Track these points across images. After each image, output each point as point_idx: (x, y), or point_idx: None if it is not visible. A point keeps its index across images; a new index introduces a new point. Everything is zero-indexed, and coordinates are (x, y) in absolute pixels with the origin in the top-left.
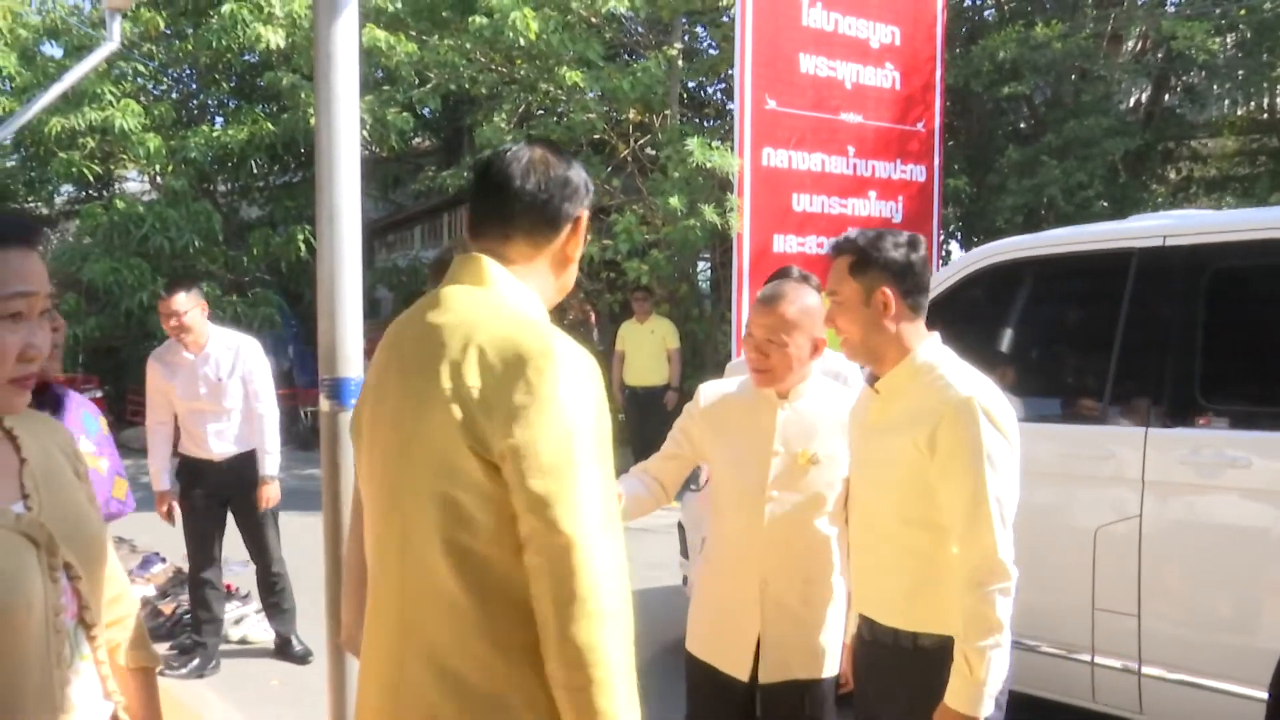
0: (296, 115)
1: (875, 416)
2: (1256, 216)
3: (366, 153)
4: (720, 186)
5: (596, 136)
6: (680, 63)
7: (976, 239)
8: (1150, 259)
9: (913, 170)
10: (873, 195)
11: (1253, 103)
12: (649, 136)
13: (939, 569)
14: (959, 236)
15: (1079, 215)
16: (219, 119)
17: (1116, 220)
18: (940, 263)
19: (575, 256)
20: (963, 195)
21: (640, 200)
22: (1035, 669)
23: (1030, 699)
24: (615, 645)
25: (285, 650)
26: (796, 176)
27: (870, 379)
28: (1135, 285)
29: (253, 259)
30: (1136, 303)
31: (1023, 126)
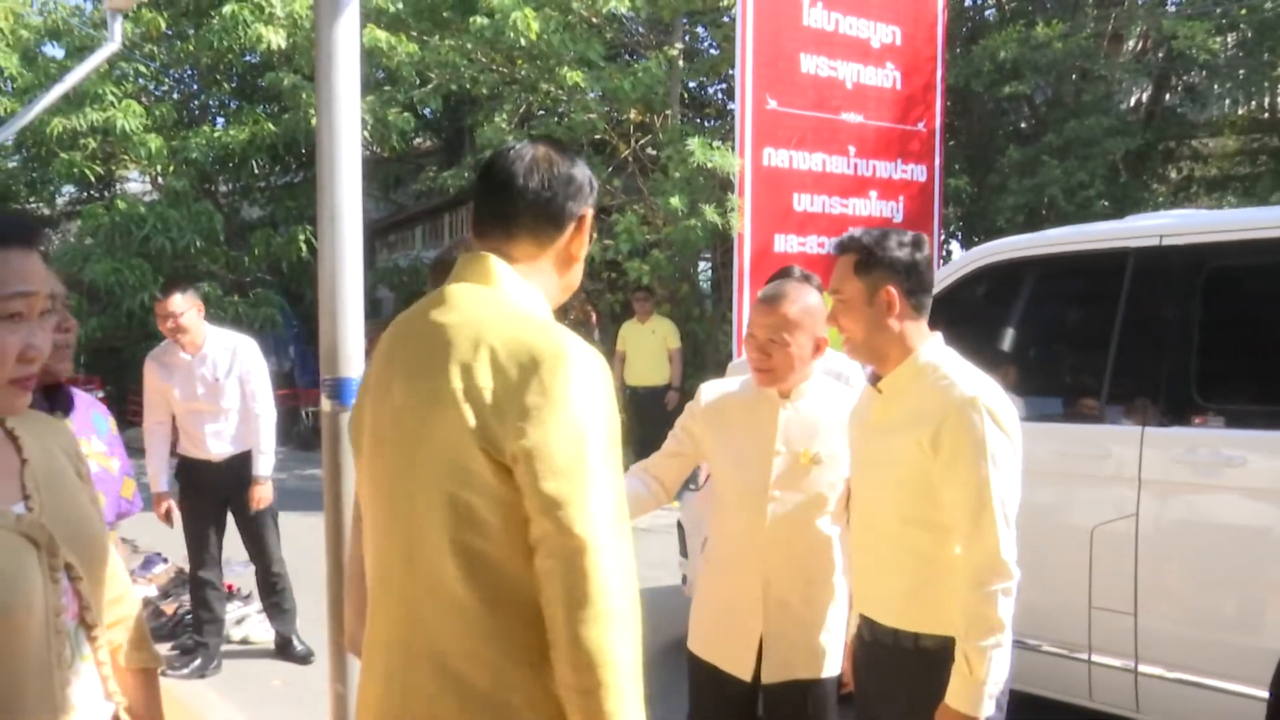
0: (297, 115)
1: (877, 416)
2: (1252, 216)
3: (367, 153)
4: (721, 186)
5: (597, 137)
6: (681, 63)
7: (977, 239)
8: (1147, 258)
9: (913, 170)
10: (873, 195)
11: (1253, 102)
12: (650, 136)
13: (940, 569)
14: (960, 236)
15: (1080, 215)
16: (220, 119)
17: (1116, 220)
18: (941, 263)
19: (580, 255)
20: (963, 195)
21: (641, 200)
22: (1033, 667)
23: (1028, 698)
24: (625, 648)
25: (286, 650)
26: (797, 176)
27: (872, 378)
28: (1132, 285)
29: (254, 259)
30: (1133, 302)
31: (1023, 126)
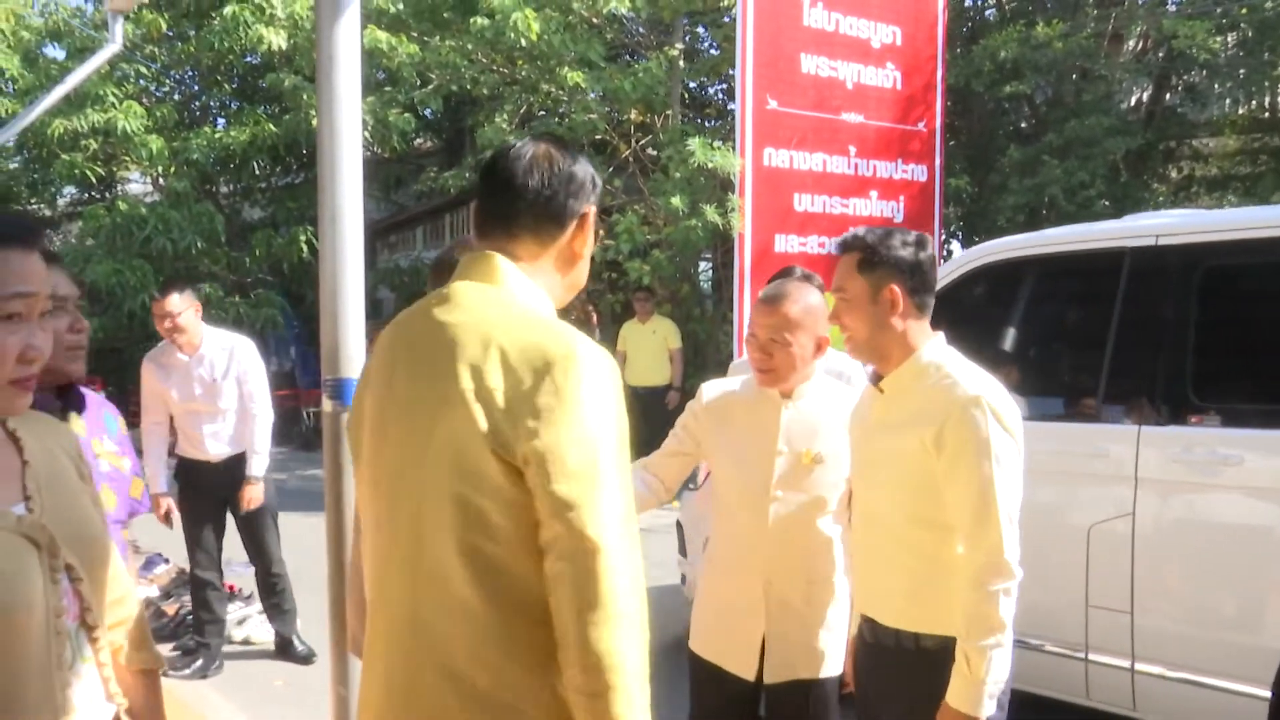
0: (298, 116)
1: (879, 415)
2: (1248, 216)
3: (368, 154)
4: (722, 186)
5: (598, 137)
6: (681, 63)
7: (978, 239)
8: (1143, 258)
9: (914, 170)
10: (874, 195)
11: (1254, 102)
12: (650, 137)
13: (942, 569)
14: (960, 236)
15: (1080, 215)
16: (221, 120)
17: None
18: (942, 263)
19: (583, 253)
20: (964, 195)
21: (642, 200)
22: (1030, 666)
23: (1027, 696)
24: (634, 651)
25: (286, 651)
26: (798, 176)
27: (874, 378)
28: (1128, 284)
29: (255, 260)
30: (1130, 302)
31: (1024, 126)
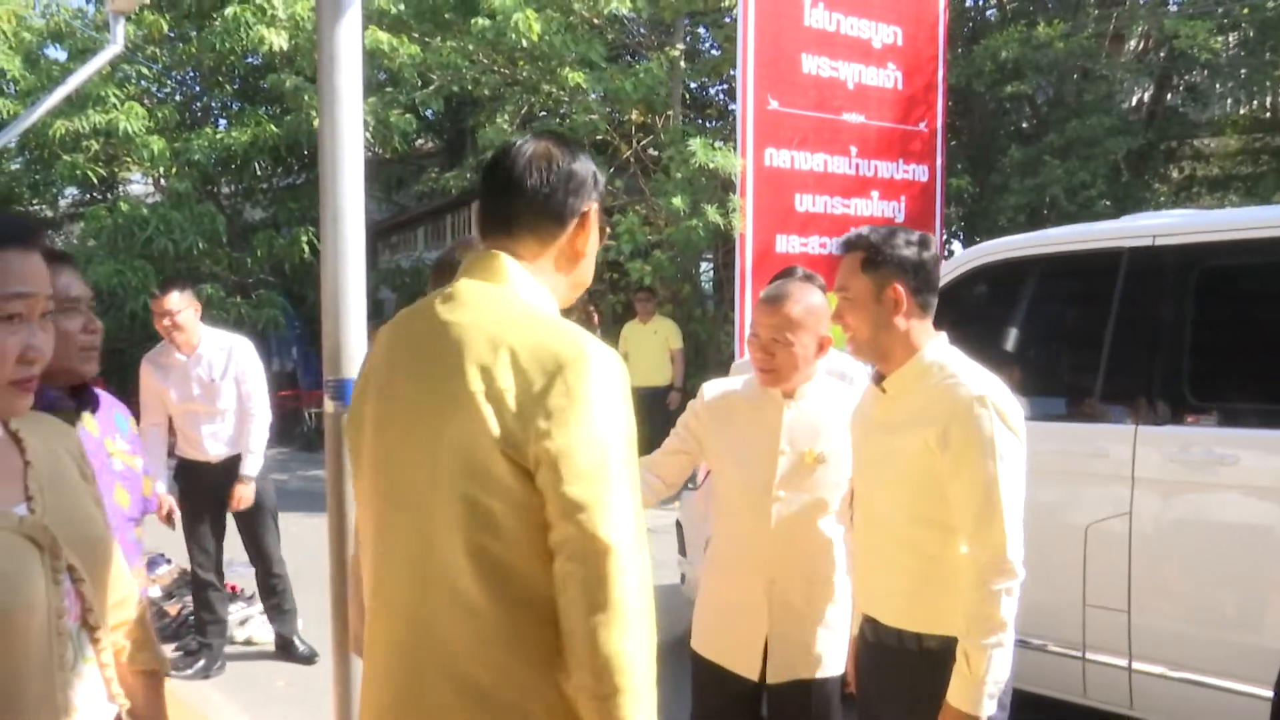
0: (299, 117)
1: (882, 415)
2: (1244, 216)
3: (369, 154)
4: (723, 187)
5: (599, 137)
6: (682, 64)
7: (979, 239)
8: (1140, 258)
9: (915, 170)
10: (875, 195)
11: (1255, 101)
12: (651, 137)
13: (944, 569)
14: (961, 236)
15: (1081, 215)
16: (222, 121)
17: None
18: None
19: (586, 251)
20: (965, 195)
21: (643, 201)
22: (1027, 664)
23: (1025, 695)
24: (642, 653)
25: (287, 651)
26: (799, 177)
27: (876, 378)
28: (1126, 284)
29: (256, 261)
30: (1127, 302)
31: (1025, 126)
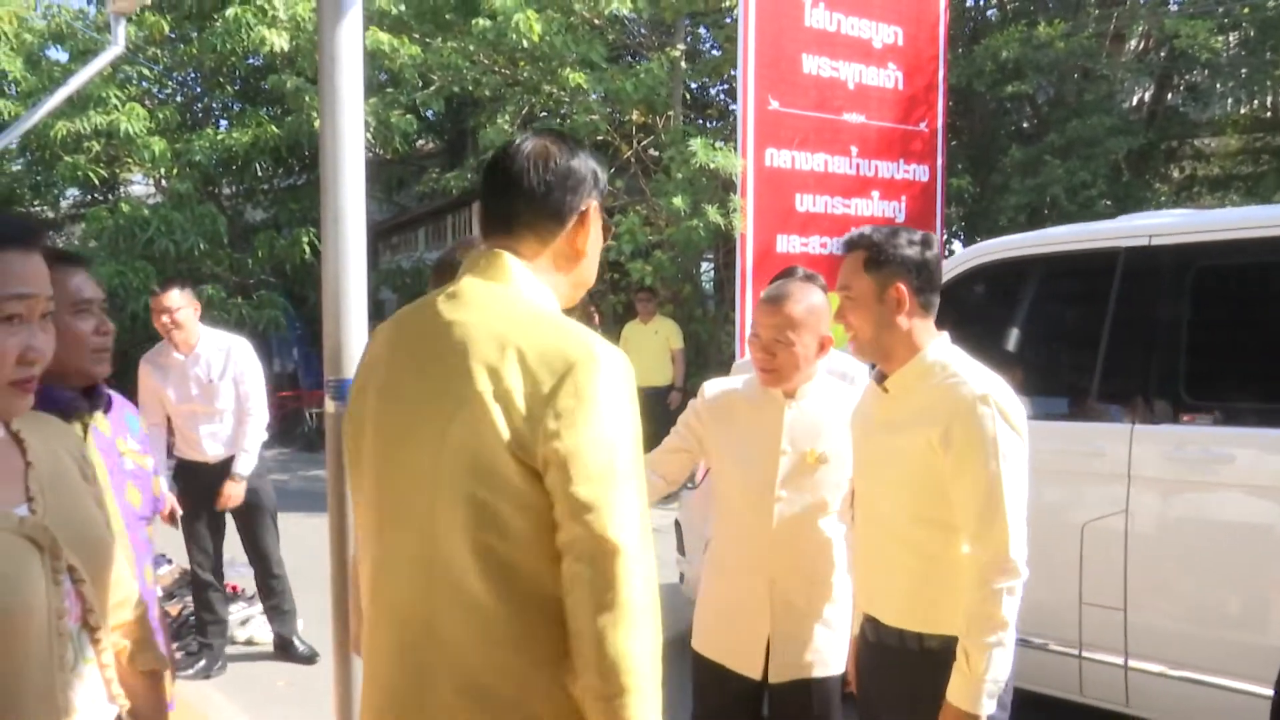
0: (300, 118)
1: (884, 415)
2: (1240, 216)
3: (370, 155)
4: (723, 187)
5: (600, 138)
6: (683, 64)
7: (979, 239)
8: (1136, 258)
9: (916, 170)
10: (876, 195)
11: (1256, 101)
12: (652, 138)
13: (945, 569)
14: (962, 236)
15: (1082, 214)
16: (223, 122)
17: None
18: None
19: (587, 250)
20: (966, 195)
21: (644, 201)
22: (1024, 662)
23: (1022, 693)
24: (649, 654)
25: (286, 651)
26: (800, 177)
27: (878, 377)
28: (1122, 284)
29: (258, 261)
30: (1123, 301)
31: (1025, 126)
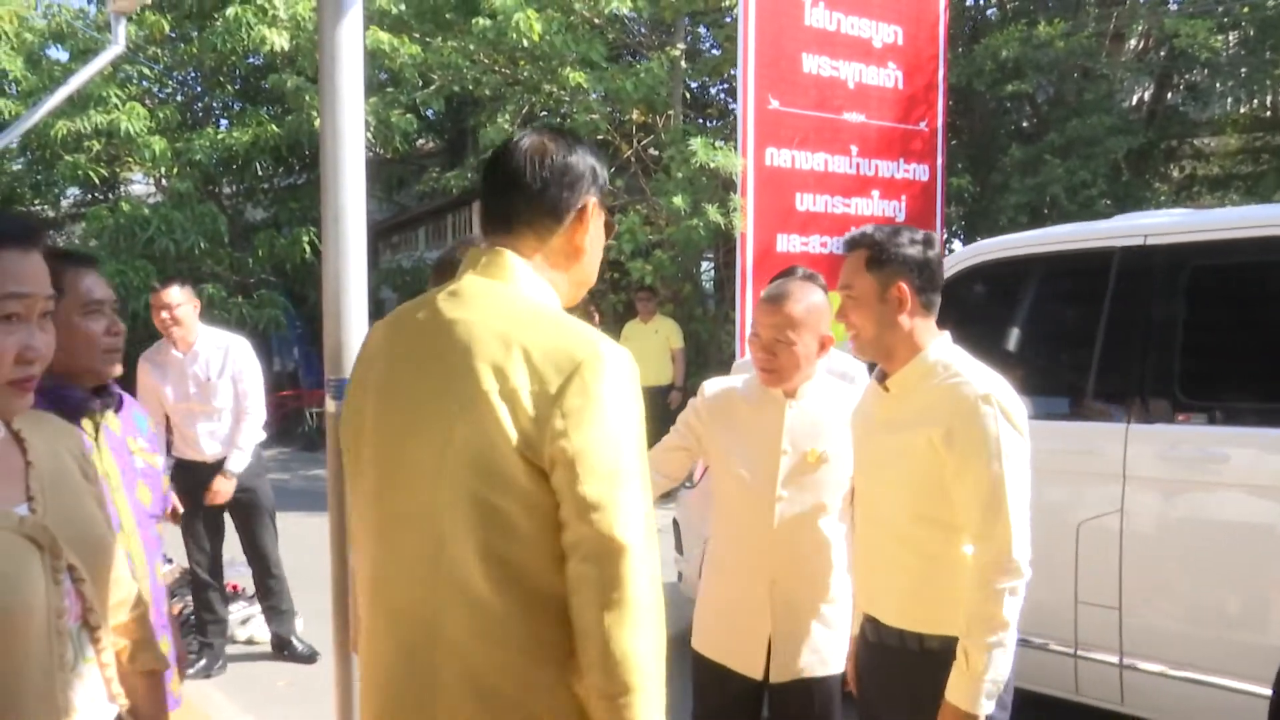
0: (301, 117)
1: (885, 414)
2: (1235, 215)
3: (371, 154)
4: (724, 186)
5: (600, 137)
6: (683, 63)
7: (979, 238)
8: (1132, 258)
9: (916, 169)
10: (876, 194)
11: (1255, 100)
12: (652, 137)
13: (946, 569)
14: (962, 235)
15: (1082, 214)
16: (224, 121)
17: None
18: None
19: (587, 247)
20: (965, 194)
21: (644, 200)
22: (1021, 662)
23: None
24: (654, 653)
25: (285, 651)
26: (800, 176)
27: (879, 377)
28: (1117, 283)
29: (258, 261)
30: (1119, 301)
31: (1025, 125)
